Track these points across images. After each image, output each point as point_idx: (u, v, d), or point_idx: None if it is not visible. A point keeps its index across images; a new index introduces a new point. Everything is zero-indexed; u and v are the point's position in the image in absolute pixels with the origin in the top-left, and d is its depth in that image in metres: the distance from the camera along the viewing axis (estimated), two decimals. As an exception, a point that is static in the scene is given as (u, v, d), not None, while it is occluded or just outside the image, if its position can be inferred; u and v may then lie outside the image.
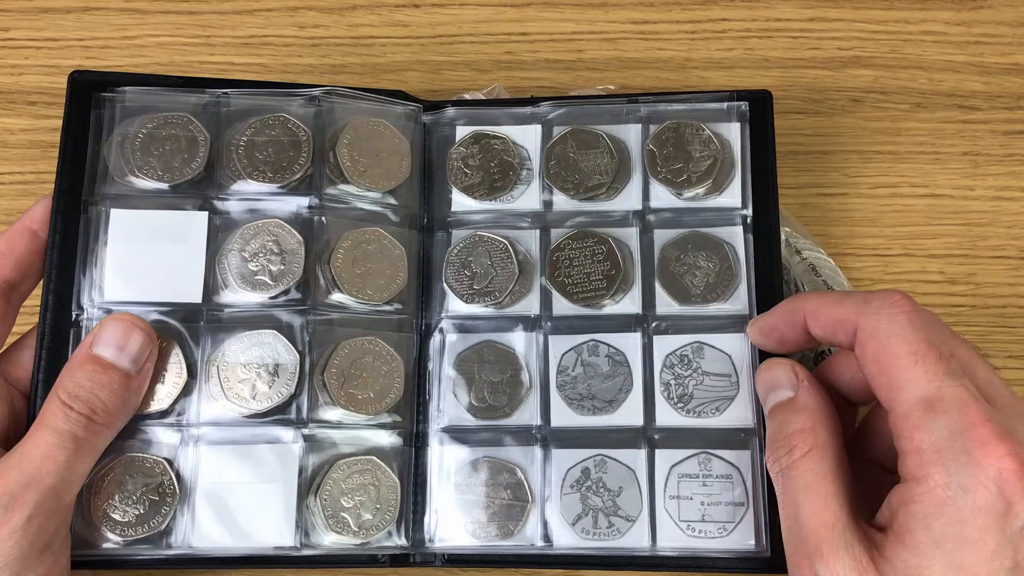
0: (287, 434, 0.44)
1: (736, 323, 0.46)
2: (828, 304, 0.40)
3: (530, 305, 0.47)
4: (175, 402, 0.44)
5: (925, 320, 0.37)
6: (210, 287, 0.45)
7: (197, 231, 0.45)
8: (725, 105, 0.48)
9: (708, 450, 0.44)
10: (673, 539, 0.44)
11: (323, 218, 0.46)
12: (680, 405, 0.45)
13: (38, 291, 0.45)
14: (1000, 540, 0.33)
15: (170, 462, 0.43)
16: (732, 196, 0.47)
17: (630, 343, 0.46)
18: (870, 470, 0.43)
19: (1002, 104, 0.56)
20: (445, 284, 0.47)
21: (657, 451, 0.45)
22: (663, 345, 0.46)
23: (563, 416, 0.46)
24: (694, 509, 0.44)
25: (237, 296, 0.45)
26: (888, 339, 0.37)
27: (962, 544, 0.33)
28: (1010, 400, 0.37)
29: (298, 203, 0.46)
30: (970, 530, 0.33)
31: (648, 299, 0.46)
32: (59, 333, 0.44)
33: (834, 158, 0.56)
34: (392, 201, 0.48)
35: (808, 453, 0.38)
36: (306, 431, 0.44)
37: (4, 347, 0.45)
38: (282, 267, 0.45)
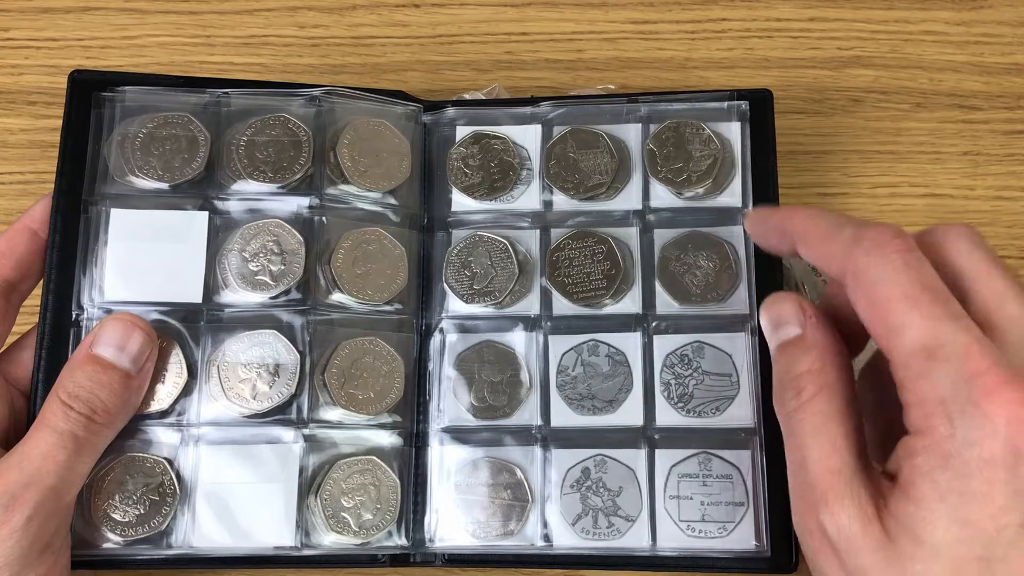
0: (287, 434, 0.44)
1: (736, 323, 0.46)
2: (818, 237, 0.38)
3: (530, 305, 0.47)
4: (175, 402, 0.44)
5: (919, 259, 0.35)
6: (210, 287, 0.45)
7: (197, 231, 0.45)
8: (725, 104, 0.48)
9: (708, 450, 0.44)
10: (673, 539, 0.44)
11: (323, 218, 0.46)
12: (680, 405, 0.45)
13: (38, 291, 0.45)
14: (1009, 494, 0.31)
15: (170, 462, 0.43)
16: (732, 195, 0.47)
17: (630, 343, 0.46)
18: (885, 396, 0.40)
19: (1002, 104, 0.56)
20: (445, 284, 0.47)
21: (657, 451, 0.45)
22: (663, 345, 0.46)
23: (563, 416, 0.46)
24: (694, 509, 0.44)
25: (237, 296, 0.45)
26: (879, 284, 0.34)
27: (968, 498, 0.32)
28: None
29: (298, 203, 0.46)
30: (977, 484, 0.31)
31: (648, 299, 0.46)
32: (59, 333, 0.44)
33: (834, 158, 0.56)
34: (392, 201, 0.48)
35: (817, 395, 0.36)
36: (306, 431, 0.44)
37: (4, 347, 0.45)
38: (282, 267, 0.45)
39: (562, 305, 0.47)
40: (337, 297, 0.46)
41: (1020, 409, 0.31)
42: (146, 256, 0.45)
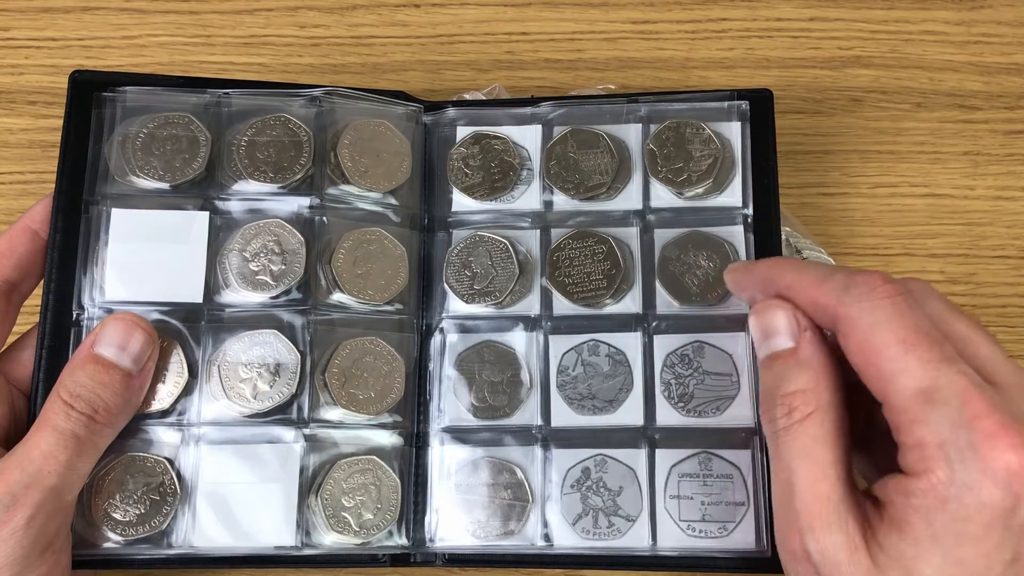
0: (288, 434, 0.44)
1: (736, 323, 0.46)
2: (806, 285, 0.37)
3: (530, 305, 0.47)
4: (176, 402, 0.44)
5: (911, 304, 0.34)
6: (211, 287, 0.45)
7: (198, 231, 0.45)
8: (726, 104, 0.48)
9: (708, 450, 0.44)
10: (673, 539, 0.44)
11: (324, 218, 0.46)
12: (680, 405, 0.45)
13: (39, 291, 0.45)
14: (1003, 535, 0.32)
15: (171, 462, 0.43)
16: (733, 195, 0.47)
17: (630, 343, 0.46)
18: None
19: (1002, 104, 0.56)
20: (446, 284, 0.47)
21: (657, 451, 0.45)
22: (663, 344, 0.46)
23: (563, 416, 0.46)
24: (694, 509, 0.44)
25: (238, 296, 0.45)
26: (872, 329, 0.34)
27: (964, 540, 0.32)
28: (1017, 379, 0.34)
29: (299, 203, 0.46)
30: (974, 527, 0.32)
31: (648, 299, 0.46)
32: (60, 333, 0.44)
33: (834, 158, 0.56)
34: (393, 201, 0.48)
35: (809, 416, 0.36)
36: (307, 431, 0.44)
37: (5, 346, 0.45)
38: (283, 267, 0.45)
39: (562, 305, 0.47)
40: (338, 297, 0.46)
41: (1019, 455, 0.31)
42: (147, 256, 0.45)
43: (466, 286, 0.47)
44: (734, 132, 0.48)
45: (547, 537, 0.44)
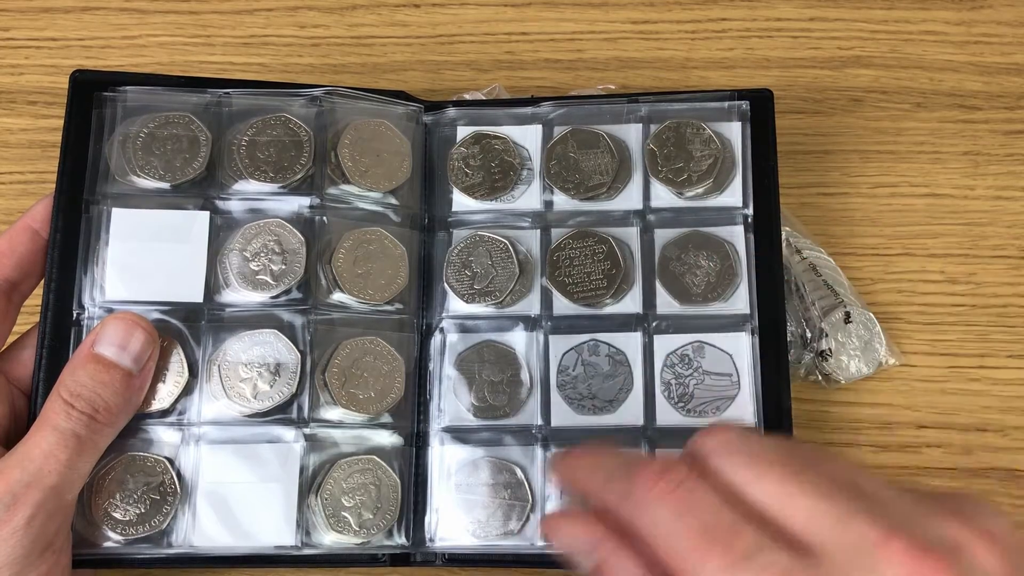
0: (288, 433, 0.44)
1: (737, 323, 0.46)
2: (596, 490, 0.35)
3: (530, 305, 0.47)
4: (176, 401, 0.44)
5: (693, 495, 0.32)
6: (211, 287, 0.45)
7: (199, 231, 0.45)
8: (726, 104, 0.48)
9: (709, 449, 0.44)
10: (674, 538, 0.44)
11: (324, 218, 0.46)
12: (680, 405, 0.45)
13: (39, 290, 0.45)
14: None
15: (171, 461, 0.43)
16: (733, 195, 0.47)
17: (630, 343, 0.46)
18: None
19: (1002, 104, 0.56)
20: (446, 284, 0.47)
21: (657, 451, 0.45)
22: (664, 344, 0.46)
23: (563, 416, 0.46)
24: (695, 508, 0.44)
25: (238, 296, 0.45)
26: (662, 538, 0.32)
27: None
28: (841, 536, 0.30)
29: (299, 203, 0.47)
30: None
31: (648, 299, 0.46)
32: (60, 332, 0.44)
33: (834, 158, 0.56)
34: (393, 201, 0.48)
35: None
36: (307, 430, 0.44)
37: (5, 346, 0.45)
38: (283, 267, 0.45)
39: (562, 305, 0.47)
40: (338, 297, 0.46)
41: None
42: (147, 255, 0.45)
43: (466, 286, 0.47)
44: (734, 132, 0.48)
45: (547, 537, 0.44)
